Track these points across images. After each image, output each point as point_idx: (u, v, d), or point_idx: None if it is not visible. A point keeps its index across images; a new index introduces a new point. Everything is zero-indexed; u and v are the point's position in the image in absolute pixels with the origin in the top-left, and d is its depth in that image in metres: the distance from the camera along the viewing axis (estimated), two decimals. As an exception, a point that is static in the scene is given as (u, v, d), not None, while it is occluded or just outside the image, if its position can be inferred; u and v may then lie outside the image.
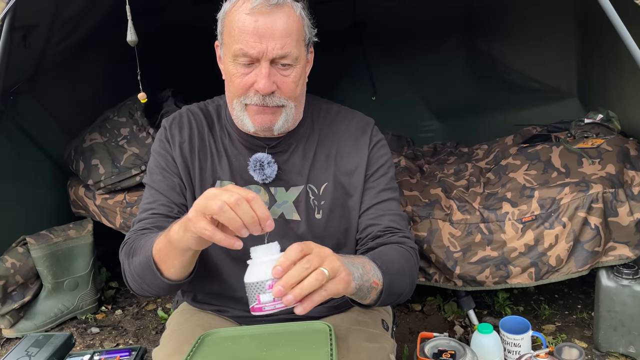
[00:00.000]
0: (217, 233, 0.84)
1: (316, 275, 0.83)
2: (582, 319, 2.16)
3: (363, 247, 1.22)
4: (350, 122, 1.27)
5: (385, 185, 1.25)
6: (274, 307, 0.85)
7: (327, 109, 1.29)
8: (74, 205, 2.60)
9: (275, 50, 1.05)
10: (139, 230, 1.18)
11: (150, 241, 1.05)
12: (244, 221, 0.83)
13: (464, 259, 1.91)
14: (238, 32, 1.05)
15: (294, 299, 0.82)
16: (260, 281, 0.85)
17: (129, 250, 1.13)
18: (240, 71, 1.09)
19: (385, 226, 1.21)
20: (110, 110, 2.56)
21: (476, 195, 2.06)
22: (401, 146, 3.11)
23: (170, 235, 0.94)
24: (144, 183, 1.28)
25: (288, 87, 1.11)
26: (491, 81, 3.25)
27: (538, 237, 1.83)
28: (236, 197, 0.83)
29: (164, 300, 2.63)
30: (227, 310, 1.28)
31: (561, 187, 1.87)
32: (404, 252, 1.17)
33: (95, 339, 2.34)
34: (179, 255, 0.98)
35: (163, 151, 1.24)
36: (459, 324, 2.13)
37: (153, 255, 1.02)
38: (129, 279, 1.13)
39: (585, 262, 1.81)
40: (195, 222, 0.85)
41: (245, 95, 1.11)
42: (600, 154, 1.97)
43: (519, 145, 2.34)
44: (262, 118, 1.13)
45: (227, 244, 0.84)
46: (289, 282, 0.81)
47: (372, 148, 1.25)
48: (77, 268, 2.46)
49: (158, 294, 1.14)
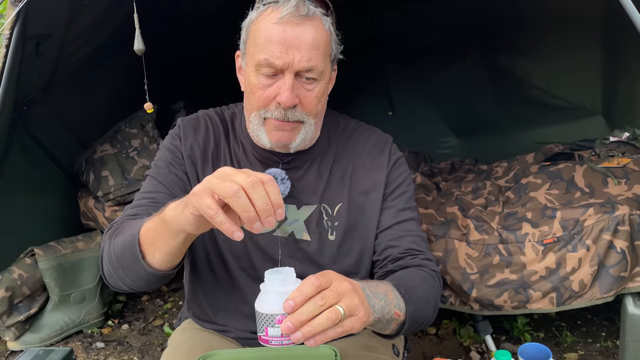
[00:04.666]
0: (220, 214, 0.76)
1: (329, 314, 0.76)
2: (606, 347, 2.05)
3: (382, 269, 1.16)
4: (368, 139, 1.23)
5: (404, 205, 1.20)
6: (280, 342, 0.80)
7: (345, 125, 1.25)
8: (83, 217, 2.58)
9: (302, 62, 1.02)
10: (131, 215, 1.10)
11: (140, 221, 0.97)
12: (256, 207, 0.75)
13: (481, 282, 1.83)
14: (264, 42, 1.02)
15: (303, 338, 0.76)
16: (270, 314, 0.79)
17: (113, 231, 1.04)
18: (263, 82, 1.04)
19: (406, 248, 1.16)
20: (122, 122, 2.55)
21: (495, 214, 1.97)
22: (418, 163, 3.03)
23: (165, 212, 0.87)
24: (146, 174, 1.21)
25: (310, 102, 1.07)
26: (512, 97, 3.18)
27: (560, 260, 1.74)
28: (253, 179, 0.76)
29: (170, 316, 2.58)
30: (231, 331, 1.23)
31: (585, 208, 1.78)
32: (426, 277, 1.11)
33: (99, 354, 2.29)
34: (169, 238, 0.89)
35: (172, 147, 1.19)
36: (475, 350, 2.04)
37: (139, 235, 0.93)
38: (104, 262, 1.03)
39: (611, 288, 1.71)
40: (199, 197, 0.77)
41: (266, 109, 1.06)
42: (626, 174, 1.88)
43: (541, 163, 2.26)
44: (280, 135, 1.08)
45: (227, 231, 0.76)
46: (299, 320, 0.75)
47: (391, 166, 1.21)
48: (85, 281, 2.43)
49: (131, 286, 1.02)
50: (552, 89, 2.95)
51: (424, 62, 3.40)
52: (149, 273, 0.94)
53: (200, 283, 1.22)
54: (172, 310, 2.66)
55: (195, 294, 1.26)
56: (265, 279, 0.84)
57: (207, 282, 1.20)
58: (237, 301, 1.19)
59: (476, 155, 3.08)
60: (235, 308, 1.20)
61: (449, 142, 3.67)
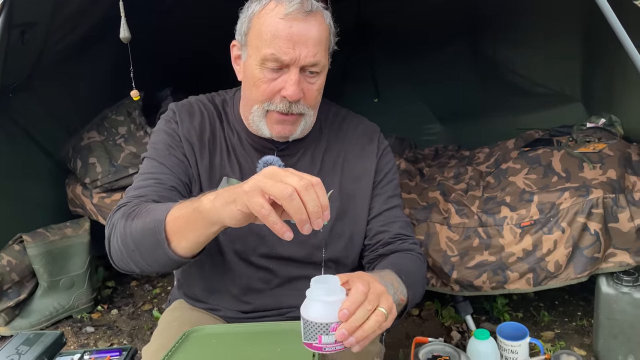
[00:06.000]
0: (273, 214, 0.78)
1: (377, 318, 0.82)
2: (582, 326, 2.13)
3: (373, 253, 1.22)
4: (357, 127, 1.28)
5: (392, 192, 1.26)
6: (334, 348, 0.83)
7: (336, 113, 1.29)
8: (71, 204, 2.59)
9: (308, 58, 1.04)
10: (140, 196, 1.08)
11: (163, 206, 0.97)
12: (308, 209, 0.77)
13: (461, 264, 1.89)
14: (271, 37, 1.03)
15: (356, 342, 0.80)
16: (325, 323, 0.81)
17: (128, 212, 1.02)
18: (268, 76, 1.06)
19: (396, 233, 1.22)
20: (108, 109, 2.56)
21: (475, 199, 2.03)
22: (403, 149, 3.08)
23: (202, 203, 0.87)
24: (144, 157, 1.20)
25: (312, 95, 1.10)
26: (495, 85, 3.22)
27: (536, 242, 1.80)
28: (305, 182, 0.77)
29: (159, 301, 2.62)
30: (220, 310, 1.26)
31: (561, 192, 1.84)
32: (416, 260, 1.18)
33: (89, 338, 2.32)
34: (201, 228, 0.90)
35: (170, 130, 1.19)
36: (456, 330, 2.11)
37: (166, 221, 0.92)
38: (115, 243, 1.02)
39: (585, 269, 1.78)
40: (251, 197, 0.78)
41: (270, 102, 1.09)
42: (601, 159, 1.94)
43: (520, 149, 2.31)
44: (282, 128, 1.12)
45: (279, 231, 0.78)
46: (354, 326, 0.80)
47: (380, 155, 1.26)
48: (74, 267, 2.45)
49: (144, 269, 1.02)
50: (533, 76, 3.00)
51: (409, 49, 3.43)
52: (170, 259, 0.94)
53: (194, 263, 1.26)
54: (160, 295, 2.69)
55: (188, 274, 1.29)
56: (312, 287, 0.85)
57: (200, 262, 1.21)
58: (228, 282, 1.22)
59: (460, 142, 3.13)
60: (226, 289, 1.23)
61: (433, 128, 3.71)
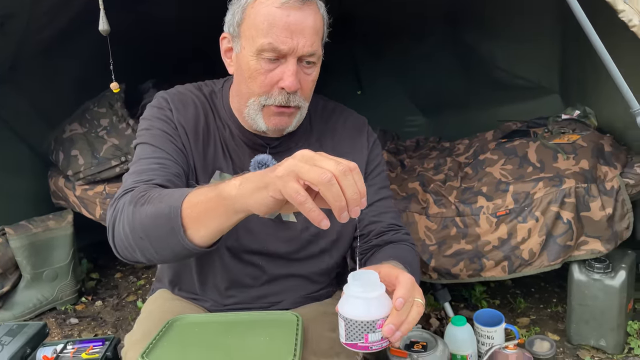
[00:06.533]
0: (310, 201, 0.73)
1: (418, 309, 0.83)
2: (556, 312, 2.19)
3: (366, 243, 1.22)
4: (346, 120, 1.27)
5: (383, 183, 1.27)
6: (381, 345, 0.81)
7: (324, 105, 1.28)
8: (54, 196, 2.59)
9: (306, 47, 1.03)
10: (148, 181, 1.01)
11: (178, 192, 0.91)
12: (346, 196, 0.73)
13: (439, 252, 1.93)
14: (268, 26, 1.01)
15: (402, 336, 0.80)
16: (372, 320, 0.80)
17: (137, 197, 0.95)
18: (265, 67, 1.04)
19: (388, 223, 1.22)
20: (90, 101, 2.55)
21: (453, 189, 2.08)
22: (385, 141, 3.12)
23: (226, 189, 0.82)
24: (137, 143, 1.13)
25: (307, 86, 1.09)
26: (476, 77, 3.26)
27: (511, 230, 1.85)
28: (344, 167, 0.73)
29: (144, 292, 2.64)
30: (207, 301, 1.27)
31: (535, 182, 1.89)
32: (412, 251, 1.19)
33: (73, 329, 2.34)
34: (224, 216, 0.85)
35: (164, 117, 1.14)
36: (434, 317, 2.16)
37: (182, 208, 0.87)
38: (120, 230, 0.95)
39: (558, 256, 1.84)
40: (286, 182, 0.74)
41: (268, 95, 1.07)
42: (575, 150, 1.99)
43: (498, 140, 2.36)
44: (279, 120, 1.10)
45: (315, 219, 0.74)
46: (400, 320, 0.80)
47: (371, 147, 1.26)
48: (57, 259, 2.46)
49: (151, 258, 0.95)
50: (513, 69, 3.05)
51: (392, 42, 3.46)
52: (185, 248, 0.89)
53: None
54: (145, 286, 2.71)
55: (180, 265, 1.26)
56: (352, 284, 0.82)
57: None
58: (218, 277, 1.22)
59: (442, 133, 3.18)
60: (214, 283, 1.23)
61: (416, 120, 3.75)
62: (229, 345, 1.02)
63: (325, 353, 1.08)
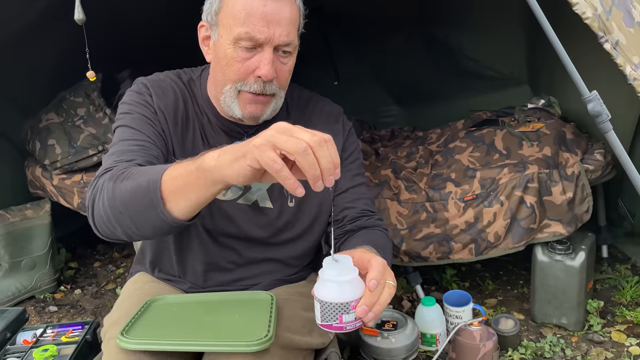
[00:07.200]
0: (286, 169, 0.76)
1: (389, 291, 0.86)
2: (522, 293, 2.29)
3: (340, 229, 1.25)
4: (322, 109, 1.30)
5: (357, 170, 1.30)
6: (354, 325, 0.85)
7: (300, 94, 1.31)
8: (31, 186, 2.60)
9: (282, 37, 1.05)
10: (128, 160, 1.03)
11: (157, 167, 0.93)
12: (321, 165, 0.76)
13: (409, 236, 2.01)
14: (245, 15, 1.03)
15: (374, 317, 0.84)
16: (346, 302, 0.83)
17: (117, 174, 0.96)
18: (242, 55, 1.06)
19: (362, 209, 1.25)
20: (66, 91, 2.56)
21: (423, 175, 2.15)
22: (362, 131, 3.19)
23: (205, 161, 0.84)
24: (117, 126, 1.14)
25: (284, 76, 1.11)
26: (449, 68, 3.34)
27: (478, 214, 1.93)
28: (319, 138, 0.76)
29: (123, 281, 2.67)
30: (185, 283, 1.29)
31: (501, 168, 1.98)
32: (384, 236, 1.23)
33: (52, 317, 2.36)
34: (202, 188, 0.86)
35: (144, 102, 1.15)
36: (406, 299, 2.24)
37: (162, 181, 0.88)
38: (99, 207, 0.96)
39: (522, 239, 1.92)
40: (263, 151, 0.76)
41: (244, 82, 1.09)
42: (539, 137, 2.08)
43: (468, 129, 2.44)
44: (255, 107, 1.12)
45: (291, 187, 0.77)
46: (372, 301, 0.83)
47: (346, 135, 1.29)
48: (35, 248, 2.47)
49: (132, 234, 0.96)
50: (484, 60, 3.13)
51: (367, 33, 3.51)
52: (164, 221, 0.90)
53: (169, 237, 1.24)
54: (124, 275, 2.74)
55: (160, 246, 1.29)
56: (327, 268, 0.85)
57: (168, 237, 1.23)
58: (196, 258, 1.24)
59: (417, 123, 3.26)
60: (192, 265, 1.26)
61: (391, 110, 3.83)
62: (206, 323, 1.07)
63: (298, 331, 1.13)
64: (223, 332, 1.03)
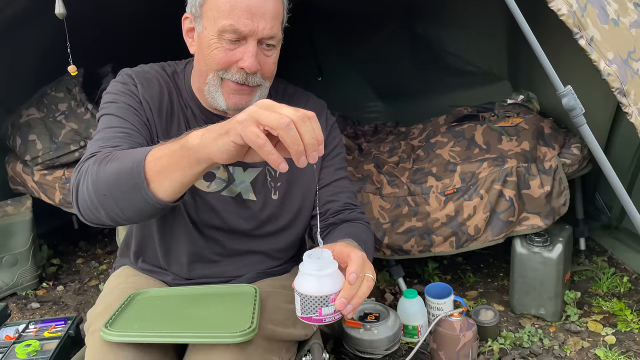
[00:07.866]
0: (269, 144, 0.76)
1: (368, 284, 0.87)
2: (502, 285, 2.34)
3: (323, 222, 1.26)
4: (306, 103, 1.30)
5: (340, 164, 1.32)
6: (333, 318, 0.87)
7: (284, 89, 1.32)
8: (12, 182, 2.58)
9: (266, 30, 1.06)
10: (113, 146, 1.03)
11: (142, 149, 0.93)
12: (304, 141, 0.76)
13: (392, 230, 2.04)
14: (229, 8, 1.04)
15: (353, 309, 0.85)
16: (325, 295, 0.85)
17: (102, 158, 0.96)
18: (225, 46, 1.07)
19: (344, 202, 1.27)
20: (48, 86, 2.54)
21: (405, 170, 2.18)
22: (346, 126, 3.21)
23: (189, 140, 0.84)
24: (102, 115, 1.14)
25: (268, 68, 1.13)
26: (430, 64, 3.37)
27: (458, 208, 1.96)
28: (302, 114, 0.76)
29: (106, 276, 2.65)
30: (169, 275, 1.30)
31: (480, 162, 2.01)
32: (366, 230, 1.25)
33: (35, 313, 2.35)
34: (187, 167, 0.86)
35: (129, 92, 1.15)
36: (389, 292, 2.27)
37: (146, 162, 0.88)
38: (83, 191, 0.96)
39: (501, 231, 1.96)
40: (246, 126, 0.76)
41: (226, 71, 1.10)
42: (518, 132, 2.12)
43: (449, 124, 2.48)
44: (239, 98, 1.13)
45: (274, 162, 0.76)
46: (351, 294, 0.85)
47: (329, 130, 1.31)
48: (16, 244, 2.45)
49: (116, 218, 0.96)
50: (465, 56, 3.17)
51: (350, 29, 3.53)
52: (148, 203, 0.90)
53: (147, 226, 1.26)
54: (107, 271, 2.73)
55: (145, 237, 1.29)
56: (307, 262, 0.87)
57: (153, 227, 1.24)
58: (181, 249, 1.25)
59: (399, 119, 3.29)
60: (177, 256, 1.27)
61: (375, 106, 3.86)
62: (190, 315, 1.08)
63: (282, 323, 1.14)
64: (207, 324, 1.04)
